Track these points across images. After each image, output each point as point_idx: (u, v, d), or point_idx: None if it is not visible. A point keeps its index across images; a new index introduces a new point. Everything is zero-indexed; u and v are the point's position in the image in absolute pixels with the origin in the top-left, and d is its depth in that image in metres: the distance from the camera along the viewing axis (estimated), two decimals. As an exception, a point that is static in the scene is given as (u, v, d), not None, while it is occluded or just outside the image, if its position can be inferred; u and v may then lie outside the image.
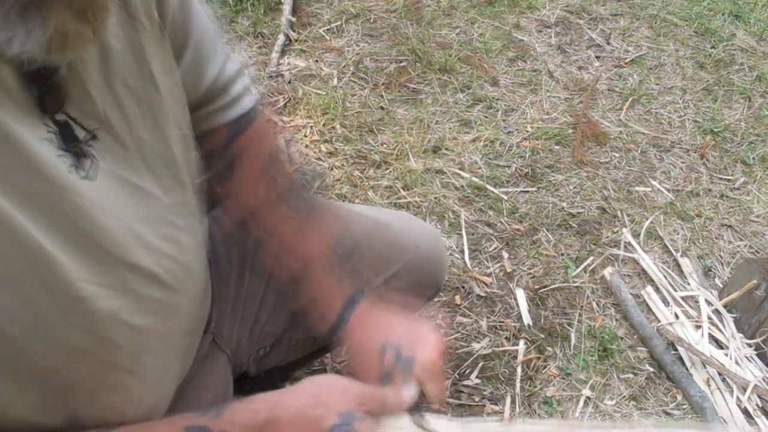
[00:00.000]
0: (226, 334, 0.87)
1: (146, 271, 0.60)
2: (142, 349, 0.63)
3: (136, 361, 0.62)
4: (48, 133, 0.51)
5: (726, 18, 2.77)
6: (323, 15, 2.49)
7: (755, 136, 2.24)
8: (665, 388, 1.50)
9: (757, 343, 1.57)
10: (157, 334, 0.64)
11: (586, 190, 1.95)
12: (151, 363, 0.65)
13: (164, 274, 0.63)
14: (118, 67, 0.58)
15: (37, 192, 0.49)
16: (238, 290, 0.89)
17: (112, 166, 0.57)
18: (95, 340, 0.56)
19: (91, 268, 0.54)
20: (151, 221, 0.62)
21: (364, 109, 2.10)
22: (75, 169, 0.53)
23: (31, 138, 0.49)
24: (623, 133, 2.17)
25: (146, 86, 0.62)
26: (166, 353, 0.67)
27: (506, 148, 2.05)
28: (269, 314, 0.90)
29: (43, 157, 0.50)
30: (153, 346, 0.64)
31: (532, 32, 2.57)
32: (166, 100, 0.64)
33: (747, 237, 1.89)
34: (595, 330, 1.59)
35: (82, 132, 0.55)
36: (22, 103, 0.50)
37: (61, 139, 0.52)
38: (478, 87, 2.25)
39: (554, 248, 1.77)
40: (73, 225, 0.52)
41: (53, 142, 0.52)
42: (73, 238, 0.52)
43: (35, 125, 0.51)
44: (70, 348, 0.54)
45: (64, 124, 0.53)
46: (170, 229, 0.65)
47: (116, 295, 0.57)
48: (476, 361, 1.49)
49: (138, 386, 0.64)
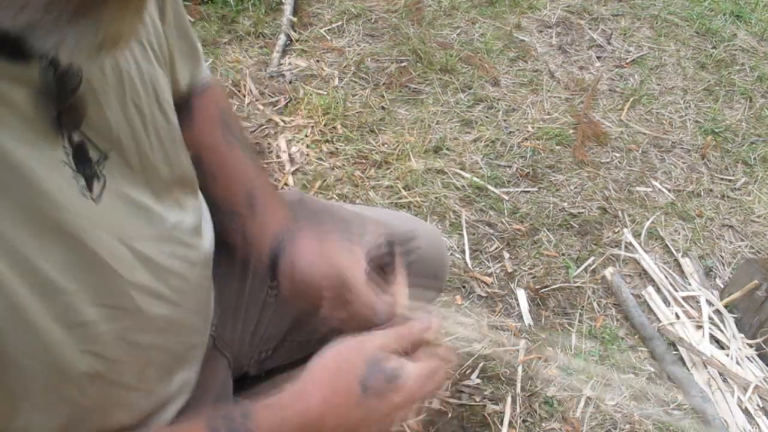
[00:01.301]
0: (228, 338, 0.87)
1: (153, 291, 0.60)
2: (147, 364, 0.63)
3: (140, 378, 0.62)
4: (66, 155, 0.51)
5: (727, 18, 2.77)
6: (324, 15, 2.49)
7: (756, 136, 2.24)
8: (666, 389, 1.50)
9: (758, 343, 1.57)
10: (162, 349, 0.64)
11: (587, 190, 1.95)
12: (154, 377, 0.65)
13: (170, 292, 0.63)
14: (130, 90, 0.59)
15: (44, 217, 0.48)
16: (239, 293, 0.89)
17: (120, 185, 0.58)
18: (103, 362, 0.56)
19: (98, 290, 0.54)
20: (156, 240, 0.62)
21: (365, 109, 2.10)
22: (85, 191, 0.53)
23: (44, 161, 0.48)
24: (624, 134, 2.17)
25: (152, 108, 0.63)
26: (170, 367, 0.68)
27: (507, 148, 2.05)
28: (271, 317, 0.90)
29: (55, 182, 0.49)
30: (158, 361, 0.64)
31: (533, 32, 2.57)
32: (171, 120, 0.65)
33: (748, 237, 1.89)
34: (596, 330, 1.59)
35: (96, 153, 0.55)
36: (37, 125, 0.49)
37: (76, 160, 0.52)
38: (479, 87, 2.25)
39: (555, 248, 1.77)
40: (81, 247, 0.52)
41: (69, 164, 0.51)
42: (79, 261, 0.51)
43: (52, 148, 0.50)
44: (81, 373, 0.54)
45: (80, 144, 0.53)
46: (177, 246, 0.65)
47: (124, 315, 0.57)
48: (477, 361, 1.49)
49: (140, 399, 0.64)
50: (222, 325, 0.86)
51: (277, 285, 0.80)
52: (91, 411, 0.57)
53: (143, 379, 0.63)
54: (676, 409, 1.46)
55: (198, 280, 0.70)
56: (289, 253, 0.77)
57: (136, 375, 0.61)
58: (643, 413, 1.45)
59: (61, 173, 0.50)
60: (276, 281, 0.79)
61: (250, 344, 0.89)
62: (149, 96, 0.62)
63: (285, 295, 0.79)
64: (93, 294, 0.53)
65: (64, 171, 0.51)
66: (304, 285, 0.75)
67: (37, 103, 0.49)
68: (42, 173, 0.48)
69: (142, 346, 0.60)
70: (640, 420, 1.43)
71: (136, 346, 0.59)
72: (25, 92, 0.48)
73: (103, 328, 0.54)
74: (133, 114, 0.60)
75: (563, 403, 1.44)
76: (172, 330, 0.65)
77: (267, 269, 0.79)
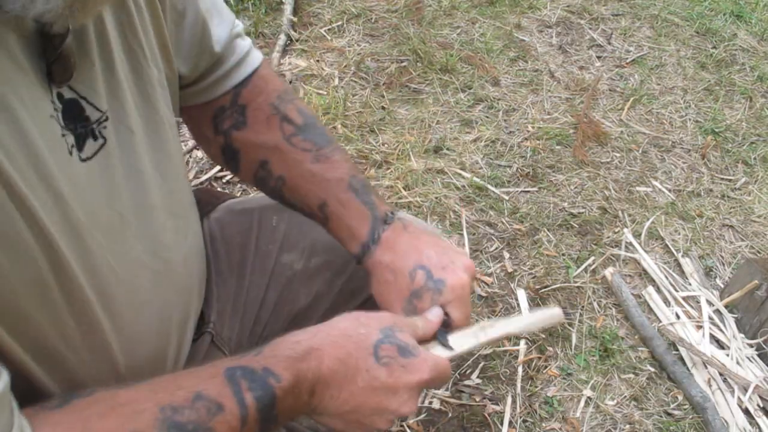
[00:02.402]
0: (226, 335, 0.87)
1: (136, 260, 0.61)
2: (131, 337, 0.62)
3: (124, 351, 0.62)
4: (54, 111, 0.51)
5: (727, 18, 2.77)
6: (324, 15, 2.49)
7: (756, 136, 2.24)
8: (666, 389, 1.50)
9: (758, 343, 1.57)
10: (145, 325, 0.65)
11: (587, 190, 1.95)
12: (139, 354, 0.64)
13: (156, 263, 0.64)
14: (114, 52, 0.59)
15: (35, 169, 0.49)
16: (238, 291, 0.89)
17: (121, 150, 0.58)
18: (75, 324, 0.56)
19: (83, 251, 0.54)
20: (147, 207, 0.62)
21: (365, 109, 2.10)
22: (73, 149, 0.53)
23: (34, 112, 0.49)
24: (624, 133, 2.17)
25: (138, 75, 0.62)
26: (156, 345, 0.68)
27: (507, 148, 2.05)
28: (270, 315, 0.90)
29: (43, 135, 0.49)
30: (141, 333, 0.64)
31: (533, 32, 2.57)
32: (159, 112, 0.65)
33: (748, 237, 1.89)
34: (596, 330, 1.59)
35: (96, 112, 0.55)
36: (29, 74, 0.49)
37: (66, 117, 0.52)
38: (479, 87, 2.25)
39: (555, 248, 1.77)
40: (66, 207, 0.52)
41: (58, 120, 0.51)
42: (66, 221, 0.52)
43: (41, 99, 0.50)
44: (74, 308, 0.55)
45: (71, 102, 0.53)
46: (169, 217, 0.66)
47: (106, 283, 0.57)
48: (477, 361, 1.49)
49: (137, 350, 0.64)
50: (220, 323, 0.86)
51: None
52: (70, 346, 0.57)
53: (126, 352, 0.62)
54: (677, 409, 1.46)
55: (190, 254, 0.71)
56: (380, 249, 0.76)
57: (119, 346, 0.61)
58: (643, 413, 1.44)
59: (50, 128, 0.51)
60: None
61: (248, 343, 0.89)
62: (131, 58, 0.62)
63: (372, 291, 0.79)
64: (77, 254, 0.53)
65: (53, 126, 0.51)
66: (394, 277, 0.75)
67: (28, 51, 0.49)
68: (32, 124, 0.48)
69: (121, 317, 0.61)
70: (640, 420, 1.43)
71: (117, 316, 0.60)
72: (16, 38, 0.48)
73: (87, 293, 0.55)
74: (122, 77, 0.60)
75: (563, 403, 1.44)
76: (155, 307, 0.66)
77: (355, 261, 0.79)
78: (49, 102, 0.51)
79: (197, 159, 1.88)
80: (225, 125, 0.81)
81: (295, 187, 0.80)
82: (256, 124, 0.81)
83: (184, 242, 0.69)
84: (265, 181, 0.82)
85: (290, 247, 0.90)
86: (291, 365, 0.58)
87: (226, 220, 0.91)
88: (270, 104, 0.81)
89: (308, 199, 0.80)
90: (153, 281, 0.64)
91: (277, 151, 0.80)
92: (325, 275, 0.90)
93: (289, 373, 0.58)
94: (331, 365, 0.60)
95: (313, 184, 0.79)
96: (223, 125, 0.81)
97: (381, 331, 0.64)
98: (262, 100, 0.81)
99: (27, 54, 0.49)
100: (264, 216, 0.91)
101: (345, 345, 0.62)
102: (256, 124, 0.81)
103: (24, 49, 0.49)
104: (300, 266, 0.89)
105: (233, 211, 0.93)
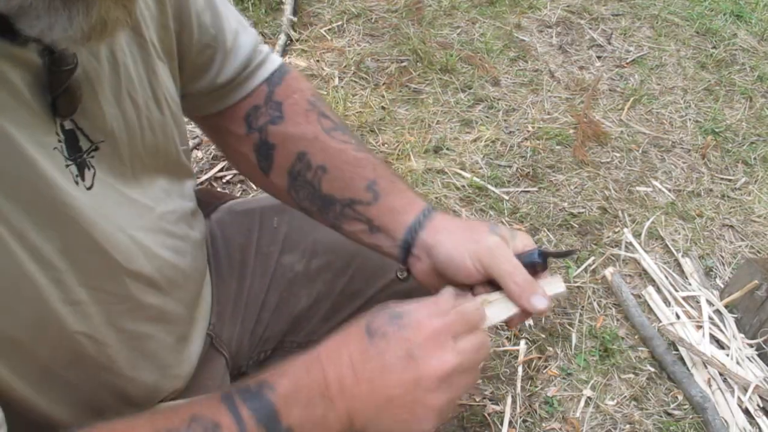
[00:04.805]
0: (226, 337, 0.87)
1: (147, 278, 0.61)
2: (139, 355, 0.63)
3: (132, 367, 0.62)
4: (58, 142, 0.51)
5: (727, 18, 2.77)
6: (324, 15, 2.49)
7: (756, 136, 2.24)
8: (666, 388, 1.50)
9: (758, 343, 1.57)
10: (152, 339, 0.65)
11: (587, 190, 1.95)
12: (147, 368, 0.65)
13: (162, 281, 0.64)
14: (126, 81, 0.59)
15: (40, 198, 0.49)
16: (238, 292, 0.89)
17: (108, 177, 0.58)
18: (95, 345, 0.57)
19: (90, 273, 0.54)
20: (147, 230, 0.62)
21: (365, 109, 2.10)
22: (78, 179, 0.53)
23: (39, 146, 0.49)
24: (624, 133, 2.17)
25: (147, 100, 0.62)
26: (161, 360, 0.68)
27: (507, 148, 2.05)
28: (270, 317, 0.90)
29: (50, 167, 0.50)
30: (149, 349, 0.65)
31: (534, 32, 2.57)
32: (165, 113, 0.65)
33: (748, 237, 1.89)
34: (596, 330, 1.59)
35: (87, 143, 0.55)
36: (33, 109, 0.49)
37: (68, 148, 0.53)
38: (480, 87, 2.25)
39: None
40: (77, 231, 0.52)
41: (62, 152, 0.52)
42: (75, 244, 0.52)
43: (46, 133, 0.50)
44: (72, 352, 0.55)
45: (70, 133, 0.53)
46: (166, 237, 0.66)
47: (114, 300, 0.58)
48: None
49: (133, 389, 0.64)
50: (220, 324, 0.86)
51: (407, 268, 0.76)
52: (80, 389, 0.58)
53: (135, 369, 0.63)
54: (677, 409, 1.46)
55: (189, 271, 0.70)
56: (429, 230, 0.72)
57: (128, 363, 0.61)
58: (643, 413, 1.45)
59: (55, 160, 0.51)
60: (407, 264, 0.75)
61: (249, 344, 0.89)
62: (144, 88, 0.62)
63: (419, 276, 0.74)
64: (83, 276, 0.54)
65: (58, 158, 0.51)
66: (447, 262, 0.70)
67: (34, 86, 0.49)
68: (39, 158, 0.49)
69: (131, 333, 0.61)
70: (640, 420, 1.43)
71: (124, 332, 0.60)
72: (21, 74, 0.48)
73: (92, 309, 0.55)
74: (128, 106, 0.60)
75: (563, 403, 1.44)
76: (162, 319, 0.66)
77: (400, 251, 0.75)
78: (54, 135, 0.51)
79: (197, 159, 1.88)
80: (260, 121, 0.79)
81: (339, 174, 0.77)
82: (294, 117, 0.79)
83: (183, 261, 0.69)
84: (302, 174, 0.79)
85: (291, 249, 0.90)
86: (284, 372, 0.55)
87: (227, 220, 0.91)
88: (307, 100, 0.80)
89: (354, 182, 0.76)
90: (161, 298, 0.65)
91: (317, 142, 0.78)
92: (326, 276, 0.90)
93: (285, 381, 0.55)
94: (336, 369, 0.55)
95: (359, 167, 0.77)
96: (258, 122, 0.80)
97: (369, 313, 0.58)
98: (298, 96, 0.80)
99: (32, 89, 0.49)
100: (265, 217, 0.91)
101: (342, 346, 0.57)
102: (295, 116, 0.79)
103: (30, 84, 0.49)
104: (301, 267, 0.89)
105: (234, 212, 0.93)
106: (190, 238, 0.72)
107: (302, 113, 0.79)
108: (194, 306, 0.76)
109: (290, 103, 0.79)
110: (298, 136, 0.78)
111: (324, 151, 0.77)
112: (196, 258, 0.73)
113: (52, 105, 0.51)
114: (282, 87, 0.81)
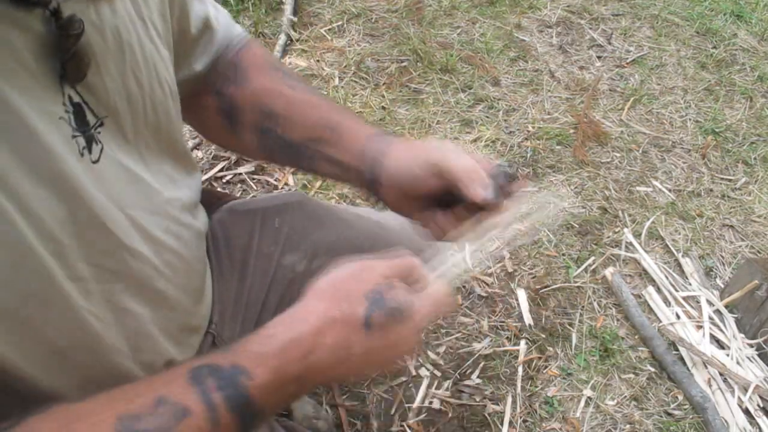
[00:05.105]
0: (227, 336, 0.87)
1: (146, 259, 0.61)
2: (137, 334, 0.62)
3: (132, 347, 0.62)
4: (65, 113, 0.51)
5: (727, 18, 2.77)
6: (324, 15, 2.49)
7: (756, 136, 2.24)
8: (666, 389, 1.50)
9: (758, 343, 1.57)
10: (153, 323, 0.65)
11: (588, 190, 1.95)
12: (147, 348, 0.65)
13: (163, 266, 0.64)
14: (130, 60, 0.59)
15: (44, 168, 0.49)
16: (239, 291, 0.89)
17: (115, 153, 0.58)
18: (98, 323, 0.56)
19: (91, 249, 0.54)
20: (152, 212, 0.62)
21: (366, 109, 2.10)
22: (85, 151, 0.53)
23: (45, 115, 0.48)
24: (624, 133, 2.17)
25: (152, 81, 0.62)
26: (163, 347, 0.68)
27: (507, 148, 2.05)
28: (271, 317, 0.89)
29: (55, 137, 0.49)
30: (147, 332, 0.64)
31: (534, 32, 2.57)
32: (168, 96, 0.65)
33: (748, 237, 1.89)
34: (596, 330, 1.59)
35: (93, 117, 0.55)
36: (37, 77, 0.49)
37: (75, 120, 0.52)
38: (480, 87, 2.25)
39: (555, 248, 1.77)
40: (79, 204, 0.52)
41: (69, 122, 0.51)
42: (77, 218, 0.52)
43: (52, 102, 0.50)
44: (78, 329, 0.55)
45: (78, 106, 0.53)
46: (171, 222, 0.66)
47: (113, 277, 0.58)
48: (477, 361, 1.49)
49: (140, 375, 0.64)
50: (221, 324, 0.86)
51: (378, 199, 0.77)
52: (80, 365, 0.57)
53: (135, 349, 0.63)
54: (677, 409, 1.46)
55: (190, 260, 0.70)
56: (389, 158, 0.73)
57: (126, 342, 0.61)
58: (643, 413, 1.45)
59: (61, 130, 0.50)
60: (377, 196, 0.76)
61: None
62: (150, 69, 0.62)
63: (390, 203, 0.75)
64: (86, 252, 0.53)
65: (64, 128, 0.51)
66: (406, 176, 0.72)
67: (39, 54, 0.48)
68: (43, 126, 0.48)
69: (130, 312, 0.60)
70: (640, 420, 1.43)
71: (123, 311, 0.59)
72: (26, 39, 0.47)
73: (94, 287, 0.55)
74: (132, 84, 0.59)
75: (563, 403, 1.45)
76: (163, 305, 0.65)
77: (368, 184, 0.75)
78: (60, 104, 0.51)
79: (197, 159, 1.88)
80: (225, 86, 0.81)
81: (302, 118, 0.78)
82: (258, 77, 0.81)
83: (184, 248, 0.69)
84: (272, 131, 0.79)
85: (292, 249, 0.90)
86: (265, 362, 0.53)
87: (228, 220, 0.92)
88: (270, 64, 0.83)
89: (317, 123, 0.78)
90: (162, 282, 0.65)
91: (282, 97, 0.79)
92: None
93: (264, 370, 0.53)
94: (320, 356, 0.55)
95: (316, 108, 0.79)
96: (222, 86, 0.81)
97: (367, 298, 0.56)
98: (263, 62, 0.83)
99: (37, 56, 0.48)
100: (266, 217, 0.91)
101: (330, 331, 0.55)
102: (259, 77, 0.81)
103: (34, 51, 0.48)
104: (302, 268, 0.89)
105: (235, 212, 0.93)
106: (194, 227, 0.72)
107: (267, 74, 0.81)
108: (197, 298, 0.75)
109: (256, 67, 0.82)
110: (262, 92, 0.80)
111: (289, 104, 0.79)
112: (198, 248, 0.73)
113: (61, 70, 0.50)
114: (245, 51, 0.83)
